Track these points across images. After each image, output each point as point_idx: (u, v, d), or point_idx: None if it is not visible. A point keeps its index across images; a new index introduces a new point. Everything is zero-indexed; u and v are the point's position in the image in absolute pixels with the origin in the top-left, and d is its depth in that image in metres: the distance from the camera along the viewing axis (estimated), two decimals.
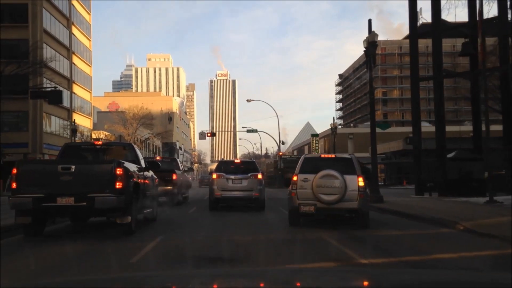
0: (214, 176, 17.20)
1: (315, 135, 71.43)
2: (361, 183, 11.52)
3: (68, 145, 14.36)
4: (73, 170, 10.70)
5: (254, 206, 17.06)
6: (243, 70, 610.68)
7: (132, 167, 12.20)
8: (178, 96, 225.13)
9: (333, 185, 11.27)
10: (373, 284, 2.74)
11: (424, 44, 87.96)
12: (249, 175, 16.86)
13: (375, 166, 20.91)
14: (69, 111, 54.92)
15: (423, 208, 15.78)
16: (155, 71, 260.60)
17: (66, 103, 54.15)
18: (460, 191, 22.73)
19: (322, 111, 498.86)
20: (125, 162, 11.58)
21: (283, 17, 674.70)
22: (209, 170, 73.81)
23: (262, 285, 2.75)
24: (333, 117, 55.39)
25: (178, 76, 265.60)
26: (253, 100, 53.49)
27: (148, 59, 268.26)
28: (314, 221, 13.13)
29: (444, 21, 24.50)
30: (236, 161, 19.46)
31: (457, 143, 39.11)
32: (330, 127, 70.91)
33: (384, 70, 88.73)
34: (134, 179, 11.83)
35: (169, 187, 18.05)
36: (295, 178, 12.00)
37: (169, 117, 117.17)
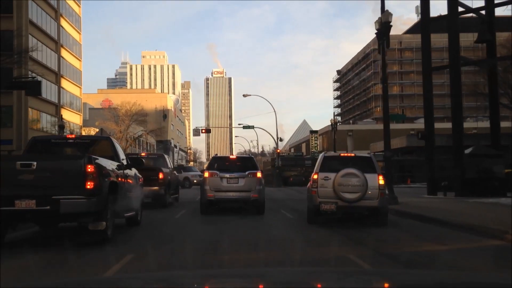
0: (206, 174, 14.78)
1: (314, 131, 69.32)
2: (381, 182, 11.69)
3: (35, 139, 12.20)
4: (34, 167, 8.80)
5: (253, 208, 14.89)
6: (239, 69, 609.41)
7: (109, 164, 10.15)
8: (173, 94, 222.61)
9: (355, 183, 11.43)
10: (376, 284, 2.73)
11: None
12: (246, 173, 14.54)
13: (389, 163, 18.79)
14: (57, 107, 52.57)
15: (449, 212, 13.65)
16: (150, 69, 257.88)
17: (54, 98, 51.92)
18: (480, 191, 20.68)
19: (318, 110, 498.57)
20: (99, 158, 9.55)
21: (280, 16, 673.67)
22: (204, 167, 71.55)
23: (261, 286, 2.73)
24: (333, 112, 53.22)
25: (174, 74, 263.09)
26: (250, 95, 51.28)
27: (143, 56, 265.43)
28: (330, 224, 11.66)
29: (461, 3, 22.35)
30: (231, 157, 16.73)
31: (467, 139, 37.05)
32: (330, 124, 68.89)
33: None
34: (111, 178, 9.81)
35: (155, 187, 15.84)
36: (315, 176, 11.99)
37: (163, 114, 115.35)
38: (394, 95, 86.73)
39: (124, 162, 11.66)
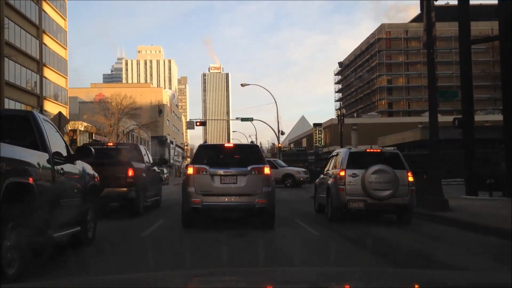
0: (190, 170, 10.08)
1: (318, 124, 65.05)
2: (411, 178, 11.48)
3: None
4: None
5: (258, 220, 10.58)
6: (236, 64, 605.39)
7: (16, 153, 5.98)
8: (170, 89, 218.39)
9: (386, 180, 11.13)
10: (363, 284, 2.70)
11: None
12: (249, 168, 10.07)
13: (436, 156, 14.58)
14: (39, 98, 48.22)
15: None
16: (145, 64, 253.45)
17: (35, 88, 47.61)
18: None
19: (316, 105, 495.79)
20: None
21: (277, 12, 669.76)
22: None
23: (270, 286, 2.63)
24: (340, 103, 48.94)
25: (170, 69, 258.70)
26: (248, 84, 47.04)
27: (139, 51, 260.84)
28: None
29: None
30: (227, 145, 11.63)
31: (486, 132, 33.31)
32: (332, 118, 64.69)
33: (389, 55, 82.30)
34: (16, 178, 5.68)
35: (123, 189, 11.58)
36: (342, 173, 11.51)
37: (159, 109, 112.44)
38: (400, 87, 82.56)
39: (65, 153, 7.56)
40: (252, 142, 14.37)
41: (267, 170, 10.18)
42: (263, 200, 9.88)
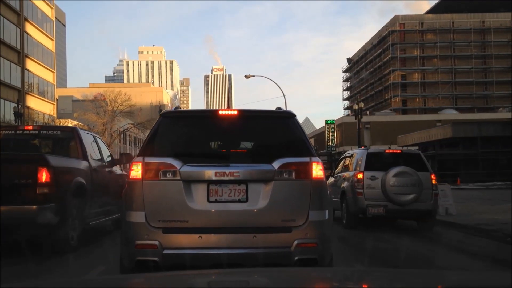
0: (137, 170, 4.24)
1: (330, 121, 59.65)
2: (434, 181, 10.75)
3: None
4: None
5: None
6: (240, 67, 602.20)
7: None
8: (172, 90, 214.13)
9: (409, 184, 10.35)
10: (364, 284, 2.57)
11: (449, 19, 76.55)
12: (276, 166, 4.29)
13: None
14: (20, 92, 43.27)
15: None
16: (147, 64, 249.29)
17: (15, 81, 42.67)
18: None
19: (321, 107, 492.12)
20: None
21: (282, 13, 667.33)
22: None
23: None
24: (357, 97, 43.85)
25: (172, 70, 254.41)
26: (253, 76, 41.82)
27: (140, 52, 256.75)
28: None
29: None
30: (224, 112, 4.69)
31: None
32: (344, 115, 59.38)
33: (403, 49, 76.93)
34: None
35: (30, 207, 6.06)
36: (360, 176, 10.77)
37: (159, 109, 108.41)
38: (415, 83, 77.21)
39: None
40: (279, 108, 5.62)
41: (318, 170, 4.46)
42: (311, 243, 4.26)
